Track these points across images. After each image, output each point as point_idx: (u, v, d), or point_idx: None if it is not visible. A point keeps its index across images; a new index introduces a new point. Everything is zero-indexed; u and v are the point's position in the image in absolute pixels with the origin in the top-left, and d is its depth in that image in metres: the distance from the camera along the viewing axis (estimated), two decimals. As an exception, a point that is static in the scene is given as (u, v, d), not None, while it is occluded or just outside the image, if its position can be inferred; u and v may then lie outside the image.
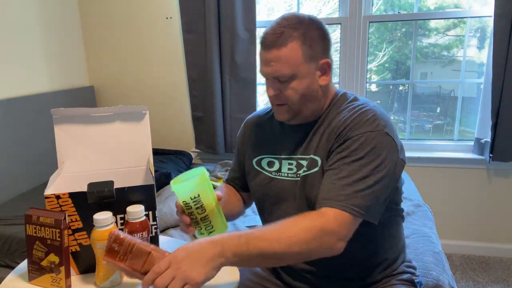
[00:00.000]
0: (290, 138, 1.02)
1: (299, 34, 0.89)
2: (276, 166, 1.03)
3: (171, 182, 0.88)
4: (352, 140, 0.88)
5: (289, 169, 1.00)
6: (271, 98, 0.97)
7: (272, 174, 1.03)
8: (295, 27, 0.90)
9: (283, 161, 1.02)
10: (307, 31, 0.90)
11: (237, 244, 0.76)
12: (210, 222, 0.90)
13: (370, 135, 0.87)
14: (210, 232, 0.91)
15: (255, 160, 1.08)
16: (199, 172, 0.88)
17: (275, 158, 1.04)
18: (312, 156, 0.96)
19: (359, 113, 0.91)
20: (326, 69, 0.95)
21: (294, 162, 0.99)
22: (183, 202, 0.88)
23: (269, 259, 0.80)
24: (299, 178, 0.97)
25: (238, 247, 0.76)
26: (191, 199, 0.87)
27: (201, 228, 0.90)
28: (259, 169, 1.06)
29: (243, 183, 1.15)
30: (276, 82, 0.93)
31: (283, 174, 1.01)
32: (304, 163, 0.97)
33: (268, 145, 1.07)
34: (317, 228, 0.79)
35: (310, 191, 0.94)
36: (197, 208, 0.88)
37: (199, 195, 0.87)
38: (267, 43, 0.91)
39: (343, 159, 0.87)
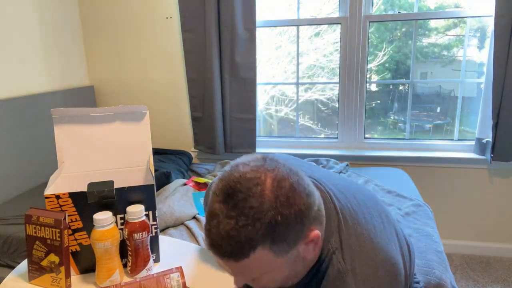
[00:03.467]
0: None
1: (266, 234, 0.59)
2: None
3: None
4: None
5: None
6: None
7: None
8: (255, 224, 0.58)
9: None
10: (277, 219, 0.59)
11: None
12: None
13: None
14: None
15: None
16: None
17: None
18: None
19: None
20: (315, 241, 0.66)
21: None
22: None
23: None
24: None
25: None
26: None
27: None
28: None
29: None
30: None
31: None
32: None
33: None
34: None
35: None
36: None
37: None
38: (218, 252, 0.61)
39: None
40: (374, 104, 2.54)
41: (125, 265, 0.94)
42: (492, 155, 2.10)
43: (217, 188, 0.63)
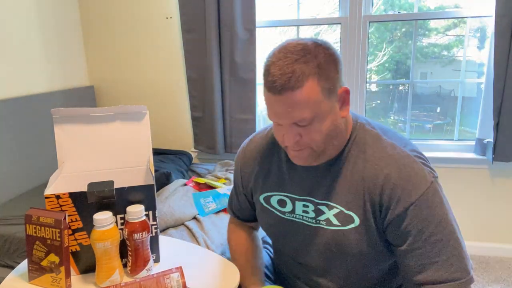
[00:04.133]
0: (301, 175, 0.91)
1: (313, 67, 0.74)
2: (289, 207, 0.93)
3: None
4: (414, 208, 0.77)
5: (304, 211, 0.91)
6: (289, 146, 0.81)
7: (285, 215, 0.94)
8: (307, 60, 0.74)
9: (296, 202, 0.92)
10: (321, 61, 0.75)
11: None
12: None
13: (430, 193, 0.78)
14: None
15: (262, 197, 0.98)
16: None
17: (285, 196, 0.94)
18: (343, 209, 0.85)
19: (406, 168, 0.79)
20: (345, 97, 0.81)
21: (311, 205, 0.89)
22: None
23: None
24: (321, 226, 0.88)
25: None
26: None
27: None
28: (269, 207, 0.97)
29: (252, 214, 1.07)
30: (294, 127, 0.78)
31: (298, 216, 0.92)
32: (326, 210, 0.87)
33: (275, 180, 0.95)
34: None
35: (348, 247, 0.86)
36: None
37: None
38: (276, 86, 0.74)
39: (418, 236, 0.78)
40: (374, 104, 2.54)
41: (125, 265, 0.94)
42: (493, 155, 2.10)
43: (271, 52, 0.79)
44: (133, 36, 2.55)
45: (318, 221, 0.89)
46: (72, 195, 0.86)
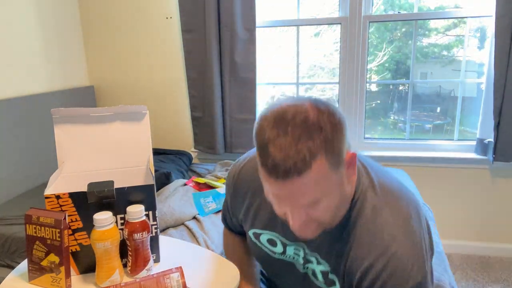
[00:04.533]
0: None
1: (320, 142, 0.63)
2: (279, 248, 0.88)
3: None
4: None
5: (295, 253, 0.87)
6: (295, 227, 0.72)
7: (275, 255, 0.90)
8: (311, 135, 0.62)
9: (287, 246, 0.87)
10: (327, 133, 0.64)
11: None
12: None
13: None
14: None
15: (251, 232, 0.93)
16: None
17: (276, 237, 0.88)
18: (329, 270, 0.80)
19: (393, 261, 0.69)
20: (352, 162, 0.71)
21: (301, 251, 0.85)
22: None
23: None
24: (308, 274, 0.85)
25: None
26: None
27: None
28: (258, 243, 0.92)
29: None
30: (300, 208, 0.69)
31: (289, 257, 0.88)
32: (314, 261, 0.83)
33: (266, 218, 0.88)
34: None
35: None
36: None
37: None
38: (279, 172, 0.63)
39: None
40: (374, 104, 2.54)
41: (125, 265, 0.94)
42: (493, 155, 2.10)
43: (264, 122, 0.67)
44: (133, 36, 2.55)
45: (306, 267, 0.86)
46: (72, 195, 0.86)
